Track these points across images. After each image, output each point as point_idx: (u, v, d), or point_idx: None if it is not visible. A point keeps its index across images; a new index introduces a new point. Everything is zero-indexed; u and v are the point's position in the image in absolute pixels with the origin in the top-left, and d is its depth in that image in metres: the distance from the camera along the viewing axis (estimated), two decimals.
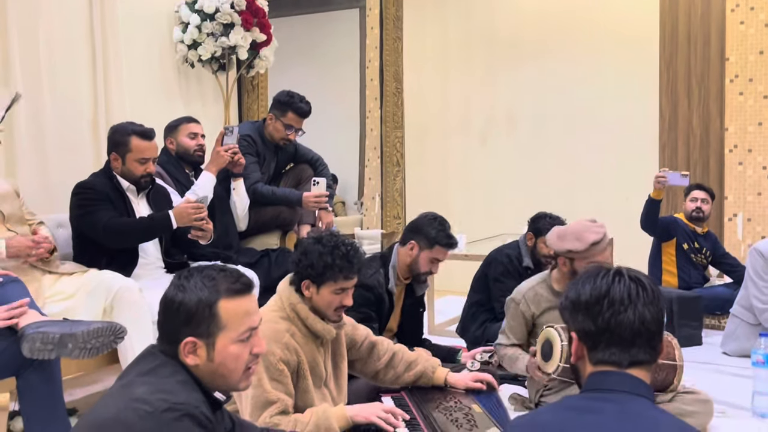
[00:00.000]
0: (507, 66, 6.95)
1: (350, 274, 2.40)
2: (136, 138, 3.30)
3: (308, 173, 4.29)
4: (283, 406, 2.28)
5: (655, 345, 1.43)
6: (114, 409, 1.47)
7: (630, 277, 1.44)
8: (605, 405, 1.36)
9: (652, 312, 1.41)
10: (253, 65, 5.03)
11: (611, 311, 1.41)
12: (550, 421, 1.40)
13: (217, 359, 1.59)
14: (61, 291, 3.01)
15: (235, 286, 1.61)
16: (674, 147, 6.07)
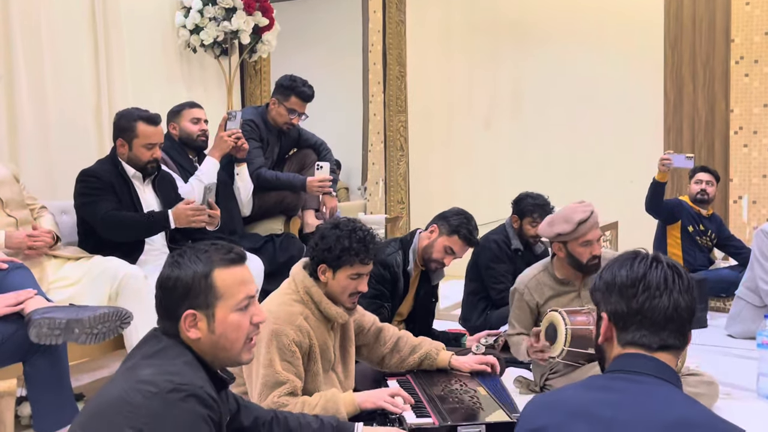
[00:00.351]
0: (511, 49, 6.92)
1: (366, 259, 2.41)
2: (142, 123, 3.29)
3: (312, 158, 4.28)
4: (292, 388, 2.30)
5: (686, 332, 1.44)
6: (120, 391, 1.48)
7: (667, 264, 1.45)
8: (630, 386, 1.37)
9: (686, 300, 1.42)
10: (255, 50, 5.01)
11: (646, 295, 1.41)
12: (572, 397, 1.42)
13: (218, 330, 1.60)
14: (65, 277, 3.01)
15: (229, 256, 1.63)
16: (679, 129, 6.04)
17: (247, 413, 1.88)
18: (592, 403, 1.36)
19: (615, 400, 1.35)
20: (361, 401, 2.31)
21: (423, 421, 2.26)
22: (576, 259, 3.08)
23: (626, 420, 1.31)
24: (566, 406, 1.39)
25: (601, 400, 1.36)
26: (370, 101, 6.49)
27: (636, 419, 1.31)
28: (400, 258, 3.31)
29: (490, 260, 4.09)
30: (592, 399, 1.38)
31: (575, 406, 1.38)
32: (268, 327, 2.34)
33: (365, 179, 6.94)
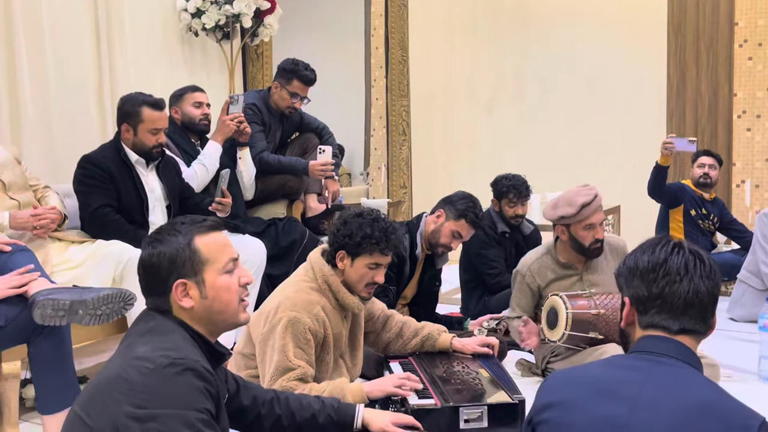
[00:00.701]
0: (514, 33, 6.89)
1: (386, 249, 2.42)
2: (147, 108, 3.28)
3: (314, 142, 4.28)
4: (302, 374, 2.31)
5: (707, 318, 1.45)
6: (117, 369, 1.49)
7: (689, 250, 1.46)
8: (653, 366, 1.39)
9: (708, 285, 1.43)
10: (257, 33, 4.99)
11: (666, 280, 1.43)
12: (595, 374, 1.44)
13: (211, 294, 1.62)
14: (69, 259, 3.02)
15: (205, 224, 1.67)
16: (682, 113, 6.02)
17: (246, 393, 1.89)
18: (615, 381, 1.38)
19: (638, 380, 1.37)
20: (369, 390, 2.31)
21: (425, 402, 2.27)
22: (578, 242, 3.09)
23: (649, 399, 1.33)
24: (589, 382, 1.42)
25: (624, 378, 1.38)
26: (373, 86, 6.48)
27: (659, 399, 1.33)
28: (408, 242, 3.32)
29: (480, 247, 4.09)
30: (614, 377, 1.40)
31: (598, 383, 1.40)
32: (285, 313, 2.34)
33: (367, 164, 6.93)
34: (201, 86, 4.03)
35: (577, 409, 1.39)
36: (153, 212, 3.34)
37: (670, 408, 1.31)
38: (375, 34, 6.45)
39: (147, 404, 1.42)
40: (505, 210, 4.12)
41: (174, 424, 1.41)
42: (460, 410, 2.23)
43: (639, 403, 1.33)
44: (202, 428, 1.43)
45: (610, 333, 2.86)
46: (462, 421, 2.23)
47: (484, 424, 2.24)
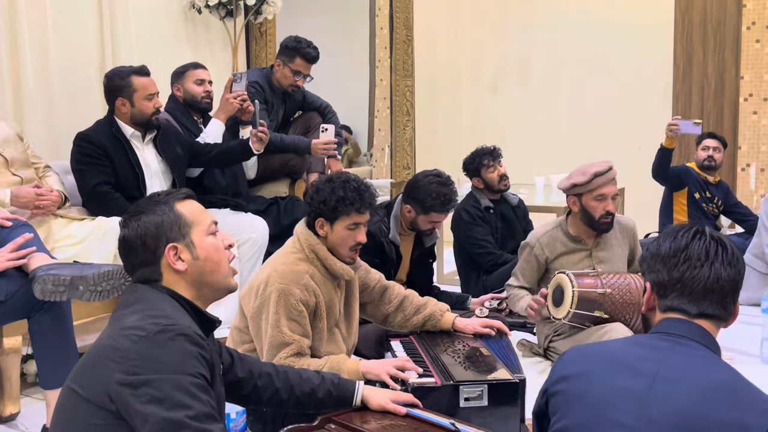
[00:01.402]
0: (519, 14, 6.84)
1: (362, 207, 2.43)
2: (136, 77, 3.30)
3: (317, 121, 4.26)
4: (298, 348, 2.31)
5: (727, 304, 1.45)
6: (107, 340, 1.49)
7: (712, 236, 1.47)
8: (674, 346, 1.40)
9: (729, 272, 1.44)
10: (260, 11, 4.96)
11: (687, 265, 1.44)
12: (616, 349, 1.47)
13: (202, 255, 1.64)
14: (71, 235, 3.02)
15: (180, 194, 1.70)
16: (688, 96, 5.98)
17: (241, 366, 1.88)
18: (636, 357, 1.41)
19: (659, 358, 1.39)
20: (366, 371, 2.31)
21: (425, 380, 2.26)
22: (589, 214, 3.08)
23: (670, 376, 1.35)
24: (609, 357, 1.44)
25: (646, 355, 1.40)
26: (377, 66, 6.45)
27: (680, 376, 1.34)
28: (386, 226, 3.29)
29: (465, 229, 4.08)
30: (635, 353, 1.42)
31: (618, 358, 1.43)
32: (274, 287, 2.35)
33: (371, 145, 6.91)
34: (204, 64, 4.01)
35: (596, 380, 1.41)
36: (151, 187, 3.34)
37: (691, 385, 1.33)
38: (380, 14, 6.40)
39: (139, 370, 1.41)
40: (488, 177, 4.09)
41: (167, 388, 1.40)
42: (461, 388, 2.23)
43: (659, 378, 1.35)
44: (196, 392, 1.42)
45: (615, 313, 2.85)
46: (462, 399, 2.22)
47: (484, 403, 2.23)
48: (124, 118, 3.32)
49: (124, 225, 1.64)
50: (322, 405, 1.98)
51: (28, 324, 2.54)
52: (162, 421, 1.38)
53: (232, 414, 2.39)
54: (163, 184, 3.42)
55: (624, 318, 2.86)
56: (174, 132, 3.56)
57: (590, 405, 1.40)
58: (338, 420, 1.91)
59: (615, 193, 3.10)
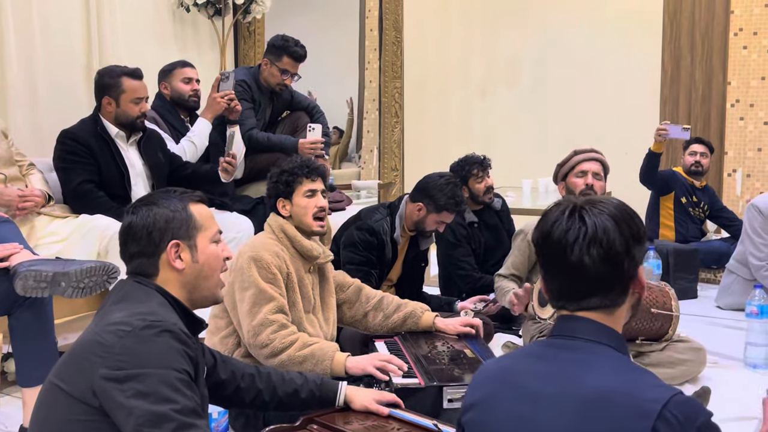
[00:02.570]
0: (508, 17, 6.85)
1: (311, 173, 2.57)
2: (127, 79, 3.26)
3: (304, 120, 4.24)
4: (280, 305, 2.38)
5: (608, 289, 1.31)
6: (92, 335, 1.48)
7: (574, 215, 1.32)
8: (560, 353, 1.31)
9: (594, 255, 1.28)
10: (249, 10, 4.94)
11: (550, 257, 1.33)
12: (510, 368, 1.37)
13: (201, 259, 1.65)
14: (54, 232, 3.00)
15: (195, 195, 1.71)
16: (675, 101, 6.00)
17: (224, 367, 1.88)
18: (525, 375, 1.32)
19: (544, 372, 1.30)
20: (351, 366, 2.32)
21: (409, 381, 2.26)
22: (572, 192, 3.11)
23: (550, 395, 1.27)
24: (504, 378, 1.35)
25: (533, 371, 1.31)
26: (366, 68, 6.44)
27: (558, 394, 1.26)
28: (388, 225, 3.30)
29: (448, 247, 3.97)
30: (525, 368, 1.33)
31: (511, 378, 1.34)
32: (246, 256, 2.44)
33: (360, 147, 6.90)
34: (191, 63, 3.99)
35: (493, 408, 1.33)
36: (135, 186, 3.31)
37: (569, 402, 1.24)
38: (369, 16, 6.40)
39: (125, 365, 1.41)
40: (476, 189, 3.99)
41: (152, 382, 1.39)
42: (444, 390, 2.22)
43: (542, 400, 1.27)
44: (181, 387, 1.42)
45: None
46: (446, 401, 2.22)
47: None
48: (109, 117, 3.29)
49: (133, 212, 1.64)
50: (305, 406, 1.97)
51: (9, 320, 2.51)
52: (147, 413, 1.37)
53: (214, 414, 2.37)
54: (147, 184, 3.40)
55: None
56: (158, 139, 3.54)
57: None
58: (321, 420, 1.91)
59: (597, 171, 3.13)
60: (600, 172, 3.15)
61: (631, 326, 2.91)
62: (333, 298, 2.69)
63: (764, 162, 5.70)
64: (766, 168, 5.70)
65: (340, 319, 2.73)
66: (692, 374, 3.06)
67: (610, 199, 1.39)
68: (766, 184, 5.63)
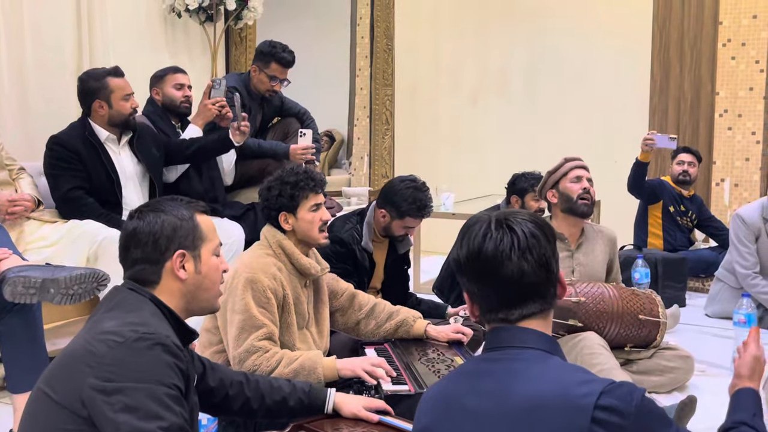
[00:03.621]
0: (499, 26, 6.88)
1: (316, 187, 2.50)
2: (112, 78, 3.29)
3: (295, 126, 4.25)
4: (269, 332, 2.32)
5: (545, 293, 1.34)
6: (83, 343, 1.46)
7: (501, 226, 1.34)
8: (495, 366, 1.32)
9: (531, 261, 1.32)
10: (241, 16, 4.95)
11: (487, 271, 1.33)
12: (449, 388, 1.37)
13: (204, 270, 1.65)
14: (44, 237, 2.99)
15: (200, 206, 1.70)
16: (664, 110, 6.05)
17: (213, 374, 1.87)
18: (464, 395, 1.32)
19: (481, 389, 1.31)
20: (341, 368, 2.31)
21: (399, 388, 2.26)
22: (568, 196, 3.11)
23: (488, 411, 1.28)
24: (445, 403, 1.35)
25: (471, 389, 1.32)
26: (357, 75, 6.45)
27: (495, 409, 1.27)
28: (358, 233, 3.28)
29: None
30: (462, 388, 1.34)
31: (451, 401, 1.34)
32: (242, 276, 2.36)
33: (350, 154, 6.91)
34: (183, 68, 3.99)
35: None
36: (125, 190, 3.31)
37: (509, 416, 1.25)
38: (361, 24, 6.41)
39: (114, 377, 1.40)
40: (530, 205, 3.98)
41: (141, 397, 1.38)
42: None
43: (481, 418, 1.28)
44: (170, 403, 1.41)
45: (589, 321, 2.87)
46: None
47: None
48: (101, 121, 3.29)
49: (139, 217, 1.62)
50: (294, 413, 1.97)
51: None
52: (134, 430, 1.36)
53: (203, 420, 2.37)
54: (138, 188, 3.40)
55: (597, 327, 2.88)
56: (150, 133, 3.54)
57: None
58: (310, 427, 1.91)
59: (588, 177, 3.16)
60: (590, 177, 3.18)
61: (620, 333, 2.93)
62: (327, 309, 2.65)
63: (752, 172, 5.74)
64: (753, 178, 5.74)
65: (332, 324, 2.71)
66: (680, 382, 3.08)
67: (518, 210, 1.44)
68: (754, 194, 5.68)
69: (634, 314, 2.92)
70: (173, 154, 3.59)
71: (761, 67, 5.68)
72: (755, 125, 5.72)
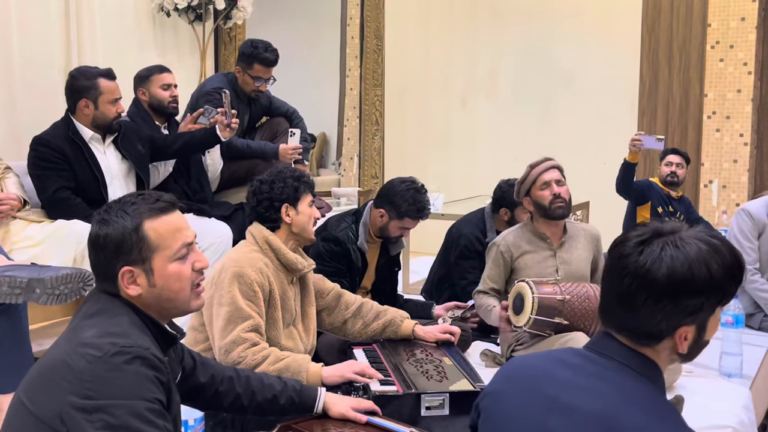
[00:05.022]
0: (489, 27, 6.89)
1: (311, 188, 2.60)
2: (103, 80, 3.24)
3: (284, 126, 4.23)
4: (256, 324, 2.33)
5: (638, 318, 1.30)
6: (62, 354, 1.43)
7: (636, 237, 1.32)
8: (585, 365, 1.33)
9: (629, 284, 1.29)
10: (230, 16, 4.93)
11: (609, 273, 1.34)
12: (532, 367, 1.41)
13: (159, 283, 1.55)
14: (30, 237, 2.96)
15: (157, 205, 1.57)
16: (653, 112, 6.07)
17: (204, 370, 1.85)
18: (547, 378, 1.35)
19: (565, 379, 1.32)
20: (327, 376, 2.30)
21: (387, 388, 2.26)
22: (541, 204, 3.13)
23: (565, 404, 1.29)
24: (526, 375, 1.39)
25: (554, 375, 1.34)
26: (347, 76, 6.45)
27: (572, 405, 1.28)
28: (353, 233, 3.28)
29: (459, 257, 3.96)
30: (548, 372, 1.36)
31: (532, 377, 1.37)
32: (229, 270, 2.38)
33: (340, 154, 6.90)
34: (171, 68, 3.96)
35: (507, 400, 1.37)
36: (112, 190, 3.28)
37: (581, 417, 1.26)
38: (351, 24, 6.41)
39: (94, 394, 1.37)
40: (520, 218, 3.89)
41: (122, 414, 1.36)
42: (422, 397, 2.22)
43: (556, 407, 1.30)
44: (152, 418, 1.39)
45: (575, 320, 2.88)
46: (423, 408, 2.22)
47: (445, 412, 2.23)
48: (85, 120, 3.26)
49: (93, 224, 1.56)
50: (284, 412, 1.96)
51: None
52: None
53: (190, 421, 2.35)
54: (124, 186, 3.37)
55: (583, 325, 2.88)
56: (134, 130, 3.51)
57: (496, 426, 1.37)
58: (298, 427, 1.90)
59: (558, 178, 3.15)
60: (560, 178, 3.19)
61: None
62: (313, 308, 2.66)
63: (740, 173, 5.78)
64: (741, 179, 5.77)
65: (318, 324, 2.71)
66: (667, 383, 3.07)
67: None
68: (742, 195, 5.71)
69: None
70: (159, 150, 3.56)
71: (749, 70, 5.72)
72: (743, 127, 5.75)
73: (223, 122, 3.53)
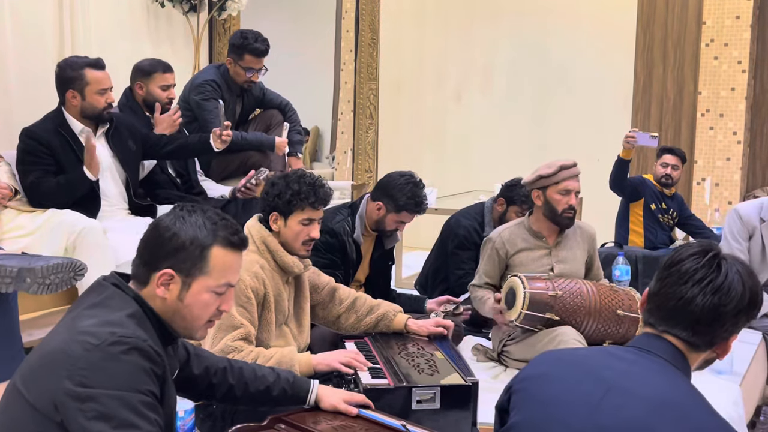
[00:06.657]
0: (484, 22, 6.89)
1: (316, 203, 2.45)
2: (90, 69, 3.19)
3: (278, 118, 4.22)
4: (246, 333, 2.31)
5: (701, 332, 1.41)
6: (60, 342, 1.43)
7: (712, 258, 1.42)
8: (639, 359, 1.42)
9: (707, 300, 1.39)
10: (225, 7, 4.91)
11: (669, 280, 1.43)
12: (585, 356, 1.51)
13: (187, 301, 1.57)
14: (21, 226, 2.95)
15: (233, 238, 1.60)
16: (647, 109, 6.08)
17: (197, 362, 1.85)
18: (600, 366, 1.43)
19: (622, 368, 1.41)
20: (317, 363, 2.31)
21: (378, 382, 2.25)
22: (552, 207, 3.09)
23: (626, 387, 1.37)
24: (575, 361, 1.48)
25: (610, 365, 1.43)
26: (342, 69, 6.44)
27: (635, 388, 1.36)
28: (349, 225, 3.28)
29: (456, 247, 3.97)
30: (601, 362, 1.45)
31: (584, 363, 1.47)
32: None
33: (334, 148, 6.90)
34: (165, 59, 3.93)
35: (554, 381, 1.45)
36: (102, 182, 3.25)
37: (643, 397, 1.34)
38: (346, 17, 6.40)
39: (88, 382, 1.37)
40: (510, 216, 3.89)
41: (114, 405, 1.36)
42: (413, 391, 2.22)
43: (615, 388, 1.37)
44: (144, 411, 1.39)
45: (566, 316, 2.88)
46: (414, 402, 2.22)
47: (436, 406, 2.23)
48: (74, 112, 3.22)
49: (173, 214, 1.58)
50: (277, 403, 1.96)
51: None
52: None
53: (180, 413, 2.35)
54: (117, 178, 3.35)
55: (575, 321, 2.89)
56: (127, 125, 3.48)
57: (544, 404, 1.43)
58: (288, 420, 1.89)
59: (578, 189, 3.13)
60: (579, 189, 3.16)
61: (597, 329, 2.94)
62: (308, 304, 2.65)
63: (732, 171, 5.79)
64: (734, 177, 5.79)
65: (312, 318, 2.70)
66: None
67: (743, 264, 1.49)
68: (734, 193, 5.73)
69: (612, 310, 2.93)
70: (151, 149, 3.53)
71: (743, 68, 5.73)
72: (736, 125, 5.77)
73: (216, 132, 3.49)
